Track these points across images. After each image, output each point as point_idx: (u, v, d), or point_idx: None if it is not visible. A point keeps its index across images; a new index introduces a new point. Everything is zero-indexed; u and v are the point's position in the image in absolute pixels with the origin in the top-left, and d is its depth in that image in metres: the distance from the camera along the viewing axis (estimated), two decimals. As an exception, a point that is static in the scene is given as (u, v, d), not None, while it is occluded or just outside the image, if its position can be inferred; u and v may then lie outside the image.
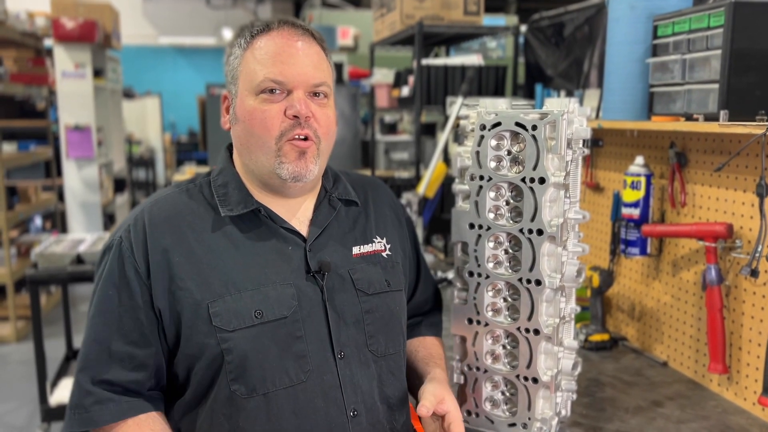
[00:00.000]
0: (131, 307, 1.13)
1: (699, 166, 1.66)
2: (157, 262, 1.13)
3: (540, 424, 1.31)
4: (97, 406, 1.11)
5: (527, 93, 2.88)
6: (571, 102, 1.26)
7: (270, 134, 1.14)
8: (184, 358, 1.14)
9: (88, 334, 1.15)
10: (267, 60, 1.14)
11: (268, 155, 1.15)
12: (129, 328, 1.13)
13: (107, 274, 1.15)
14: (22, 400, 3.67)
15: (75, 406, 1.12)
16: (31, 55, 5.66)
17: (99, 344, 1.13)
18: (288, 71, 1.14)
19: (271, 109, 1.14)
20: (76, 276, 3.05)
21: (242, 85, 1.17)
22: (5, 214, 4.53)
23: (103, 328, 1.13)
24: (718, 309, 1.53)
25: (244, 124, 1.17)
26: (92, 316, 1.15)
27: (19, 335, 4.64)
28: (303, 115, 1.14)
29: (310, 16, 6.86)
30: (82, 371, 1.14)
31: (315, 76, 1.16)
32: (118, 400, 1.12)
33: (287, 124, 1.14)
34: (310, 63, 1.16)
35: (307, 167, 1.16)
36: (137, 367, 1.13)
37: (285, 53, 1.15)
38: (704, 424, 1.44)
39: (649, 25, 1.69)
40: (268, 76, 1.14)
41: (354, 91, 4.69)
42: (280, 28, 1.17)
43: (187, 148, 11.62)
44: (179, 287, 1.12)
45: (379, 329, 1.23)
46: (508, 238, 1.31)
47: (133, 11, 11.33)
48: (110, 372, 1.12)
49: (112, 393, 1.12)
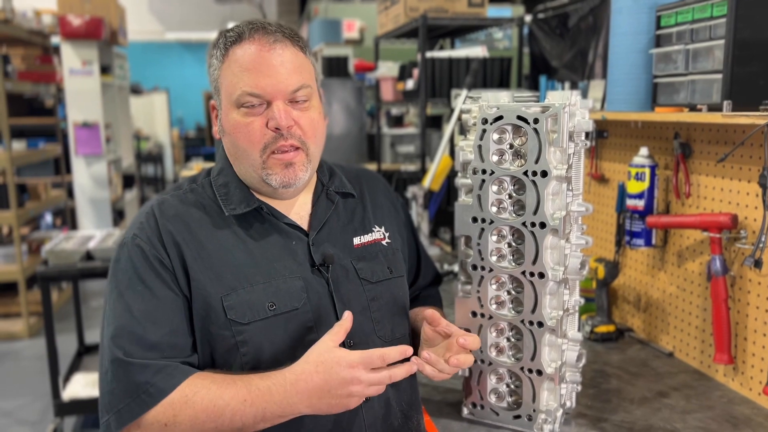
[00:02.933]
0: (166, 296, 1.12)
1: (703, 157, 1.66)
2: (174, 254, 1.14)
3: (545, 416, 1.32)
4: (160, 374, 1.06)
5: (532, 84, 2.87)
6: (573, 94, 1.27)
7: (254, 147, 1.15)
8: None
9: (120, 330, 1.09)
10: (242, 73, 1.13)
11: (255, 167, 1.17)
12: (167, 318, 1.11)
13: (131, 271, 1.13)
14: (35, 395, 3.72)
15: (134, 388, 1.05)
16: (38, 52, 5.70)
17: (137, 337, 1.09)
18: (263, 82, 1.13)
19: (253, 123, 1.14)
20: (87, 272, 3.08)
21: (224, 98, 1.17)
22: (16, 212, 4.58)
23: (137, 323, 1.09)
24: (723, 299, 1.53)
25: (231, 137, 1.18)
26: (120, 314, 1.11)
27: (31, 331, 4.69)
28: (284, 127, 1.14)
29: (315, 9, 6.85)
30: (122, 362, 1.07)
31: (292, 82, 1.14)
32: (175, 365, 1.09)
33: (270, 137, 1.15)
34: (286, 70, 1.14)
35: (296, 175, 1.17)
36: (180, 353, 1.12)
37: (259, 64, 1.13)
38: (709, 414, 1.44)
39: (652, 16, 1.68)
40: (245, 90, 1.13)
41: (359, 84, 4.68)
42: (252, 37, 1.14)
43: (194, 143, 11.66)
44: (193, 279, 1.13)
45: (384, 315, 1.26)
46: (511, 231, 1.31)
47: (139, 7, 11.35)
48: (154, 359, 1.09)
49: (166, 360, 1.09)
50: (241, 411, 1.05)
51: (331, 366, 1.04)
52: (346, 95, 4.59)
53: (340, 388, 1.04)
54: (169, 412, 1.06)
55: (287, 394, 1.05)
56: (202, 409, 1.05)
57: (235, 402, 1.05)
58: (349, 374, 1.04)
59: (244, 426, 1.07)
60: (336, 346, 1.07)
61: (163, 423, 1.06)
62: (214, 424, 1.06)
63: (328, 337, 1.08)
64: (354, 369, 1.04)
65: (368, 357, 1.05)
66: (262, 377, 1.07)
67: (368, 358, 1.05)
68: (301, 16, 9.18)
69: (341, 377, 1.04)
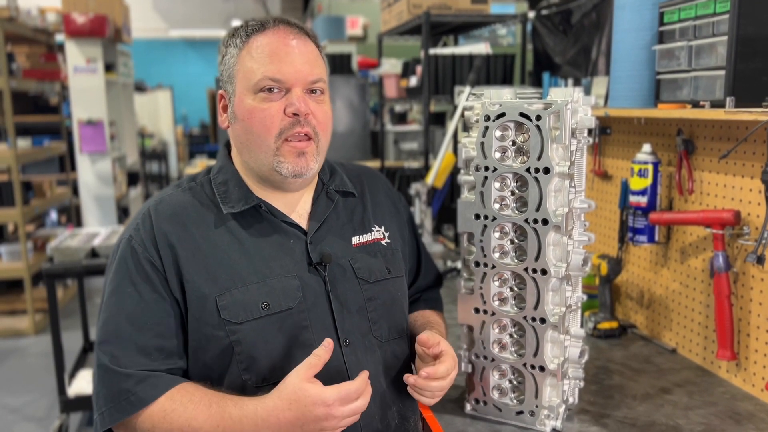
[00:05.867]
0: (154, 299, 1.13)
1: (706, 153, 1.66)
2: (167, 256, 1.15)
3: (547, 412, 1.33)
4: (141, 384, 1.08)
5: (536, 81, 2.87)
6: (575, 91, 1.27)
7: (270, 133, 1.16)
8: (190, 349, 1.17)
9: (109, 335, 1.12)
10: (264, 58, 1.16)
11: (267, 153, 1.17)
12: (154, 321, 1.13)
13: (123, 272, 1.15)
14: (42, 391, 3.74)
15: (116, 395, 1.08)
16: (43, 50, 5.71)
17: (124, 341, 1.11)
18: (285, 69, 1.15)
19: (270, 108, 1.16)
20: (92, 269, 3.09)
21: (240, 84, 1.18)
22: (21, 209, 4.59)
23: (126, 326, 1.12)
24: (726, 296, 1.53)
25: (244, 123, 1.18)
26: (109, 316, 1.13)
27: (37, 328, 4.72)
28: (303, 113, 1.16)
29: (319, 6, 6.85)
30: (108, 368, 1.10)
31: (311, 73, 1.18)
32: (158, 375, 1.10)
33: (287, 122, 1.16)
34: (306, 61, 1.17)
35: (308, 165, 1.18)
36: (168, 356, 1.14)
37: (281, 51, 1.16)
38: (712, 410, 1.44)
39: (656, 12, 1.68)
40: (266, 74, 1.15)
41: (363, 81, 4.67)
42: (276, 27, 1.18)
43: (199, 140, 11.67)
44: (186, 280, 1.14)
45: (382, 315, 1.26)
46: (514, 228, 1.32)
47: (143, 4, 11.37)
48: (141, 363, 1.11)
49: (149, 371, 1.11)
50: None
51: (305, 405, 1.03)
52: (349, 92, 4.58)
53: (312, 424, 1.04)
54: (147, 423, 1.08)
55: (257, 427, 1.05)
56: (178, 427, 1.07)
57: (207, 426, 1.06)
58: (323, 412, 1.03)
59: None
60: (311, 378, 1.05)
61: (145, 430, 1.08)
62: None
63: (303, 370, 1.05)
64: (329, 407, 1.03)
65: (345, 392, 1.04)
66: (236, 404, 1.07)
67: (344, 394, 1.04)
68: (305, 13, 9.18)
69: (315, 415, 1.03)
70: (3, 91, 4.52)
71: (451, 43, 4.07)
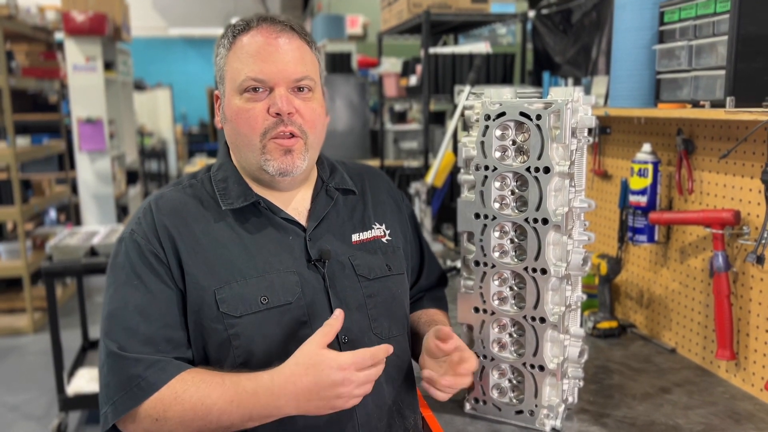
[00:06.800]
0: (160, 290, 1.13)
1: (706, 153, 1.66)
2: (169, 248, 1.15)
3: (547, 411, 1.33)
4: (151, 369, 1.07)
5: (536, 80, 2.87)
6: (575, 91, 1.27)
7: (254, 132, 1.17)
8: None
9: (115, 325, 1.11)
10: (248, 59, 1.16)
11: (255, 152, 1.18)
12: (162, 312, 1.13)
13: (128, 266, 1.15)
14: (41, 390, 3.74)
15: (127, 381, 1.07)
16: (42, 49, 5.71)
17: (132, 331, 1.10)
18: (268, 69, 1.15)
19: (254, 108, 1.16)
20: (91, 268, 3.09)
21: (228, 84, 1.19)
22: (20, 208, 4.59)
23: (133, 316, 1.11)
24: (725, 295, 1.53)
25: (232, 124, 1.19)
26: (115, 308, 1.13)
27: (36, 326, 4.72)
28: (284, 112, 1.15)
29: (318, 5, 6.85)
30: (116, 354, 1.09)
31: (296, 71, 1.17)
32: (167, 360, 1.10)
33: (270, 122, 1.16)
34: (290, 59, 1.17)
35: (294, 163, 1.18)
36: (176, 347, 1.13)
37: (264, 51, 1.16)
38: (712, 410, 1.44)
39: (656, 11, 1.68)
40: (249, 74, 1.15)
41: (363, 80, 4.67)
42: (260, 26, 1.18)
43: (198, 139, 11.68)
44: (187, 273, 1.15)
45: (382, 313, 1.26)
46: (514, 227, 1.32)
47: (143, 3, 11.36)
48: (149, 352, 1.10)
49: (161, 354, 1.10)
50: (228, 411, 1.06)
51: (322, 369, 1.03)
52: (349, 91, 4.58)
53: (329, 389, 1.04)
54: (159, 407, 1.07)
55: (274, 396, 1.05)
56: (191, 406, 1.06)
57: (222, 402, 1.06)
58: (340, 376, 1.03)
59: (232, 425, 1.07)
60: (325, 346, 1.06)
61: (154, 418, 1.07)
62: (202, 422, 1.07)
63: (317, 337, 1.06)
64: (345, 371, 1.03)
65: (360, 358, 1.04)
66: (249, 378, 1.07)
67: (360, 359, 1.04)
68: (305, 12, 9.17)
69: (332, 380, 1.03)
70: (2, 89, 4.52)
71: (451, 42, 4.07)
